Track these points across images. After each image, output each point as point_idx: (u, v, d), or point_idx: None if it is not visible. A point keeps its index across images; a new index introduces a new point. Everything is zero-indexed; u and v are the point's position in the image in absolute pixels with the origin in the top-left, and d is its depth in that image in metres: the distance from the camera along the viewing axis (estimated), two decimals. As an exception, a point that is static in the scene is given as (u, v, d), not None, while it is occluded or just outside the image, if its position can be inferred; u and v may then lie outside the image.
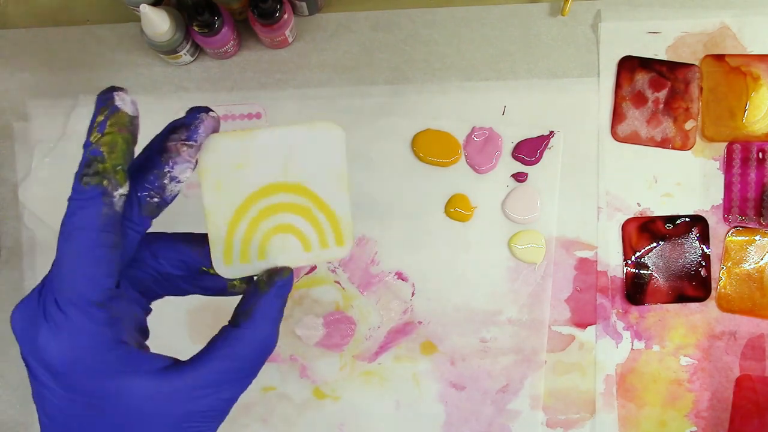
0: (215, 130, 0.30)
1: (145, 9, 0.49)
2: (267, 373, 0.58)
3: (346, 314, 0.58)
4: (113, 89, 0.28)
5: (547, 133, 0.58)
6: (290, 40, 0.57)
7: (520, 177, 0.58)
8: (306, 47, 0.58)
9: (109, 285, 0.28)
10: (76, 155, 0.28)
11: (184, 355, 0.33)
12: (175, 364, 0.30)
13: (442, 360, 0.58)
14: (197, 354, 0.31)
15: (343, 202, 0.31)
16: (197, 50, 0.57)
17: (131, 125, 0.28)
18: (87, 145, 0.27)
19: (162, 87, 0.58)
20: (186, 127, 0.30)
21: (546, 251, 0.58)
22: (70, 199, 0.28)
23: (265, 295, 0.31)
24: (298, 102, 0.58)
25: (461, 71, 0.58)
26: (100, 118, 0.27)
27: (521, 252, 0.58)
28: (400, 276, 0.58)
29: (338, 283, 0.58)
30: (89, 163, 0.27)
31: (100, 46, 0.58)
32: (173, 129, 0.30)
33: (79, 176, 0.27)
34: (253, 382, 0.34)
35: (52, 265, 0.28)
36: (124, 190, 0.28)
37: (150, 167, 0.29)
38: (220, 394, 0.30)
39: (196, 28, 0.52)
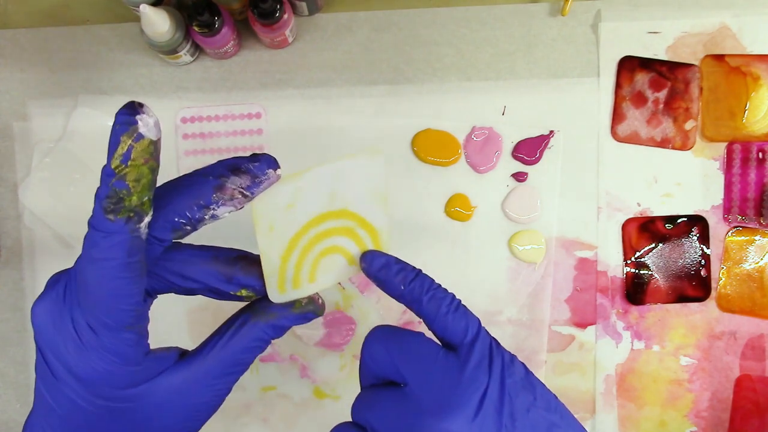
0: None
1: (145, 9, 0.49)
2: (267, 373, 0.58)
3: (346, 314, 0.58)
4: (135, 110, 0.25)
5: (547, 132, 0.58)
6: (290, 40, 0.57)
7: (520, 177, 0.58)
8: (306, 47, 0.58)
9: (138, 305, 0.28)
10: (76, 155, 0.27)
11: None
12: (187, 352, 0.31)
13: (442, 360, 0.58)
14: (213, 338, 0.31)
15: (380, 215, 0.32)
16: (197, 50, 0.57)
17: (155, 151, 0.26)
18: (108, 172, 0.26)
19: (162, 87, 0.58)
20: (251, 177, 0.29)
21: (546, 251, 0.58)
22: (93, 228, 0.26)
23: (293, 314, 0.32)
24: (298, 102, 0.58)
25: (461, 71, 0.58)
26: (123, 147, 0.25)
27: (521, 252, 0.58)
28: (400, 276, 0.58)
29: (338, 282, 0.58)
30: (114, 196, 0.26)
31: (100, 46, 0.58)
32: (236, 170, 0.29)
33: (103, 208, 0.26)
34: (254, 381, 0.34)
35: (77, 281, 0.28)
36: (149, 218, 0.27)
37: (195, 196, 0.28)
38: (228, 382, 0.31)
39: (196, 28, 0.52)
